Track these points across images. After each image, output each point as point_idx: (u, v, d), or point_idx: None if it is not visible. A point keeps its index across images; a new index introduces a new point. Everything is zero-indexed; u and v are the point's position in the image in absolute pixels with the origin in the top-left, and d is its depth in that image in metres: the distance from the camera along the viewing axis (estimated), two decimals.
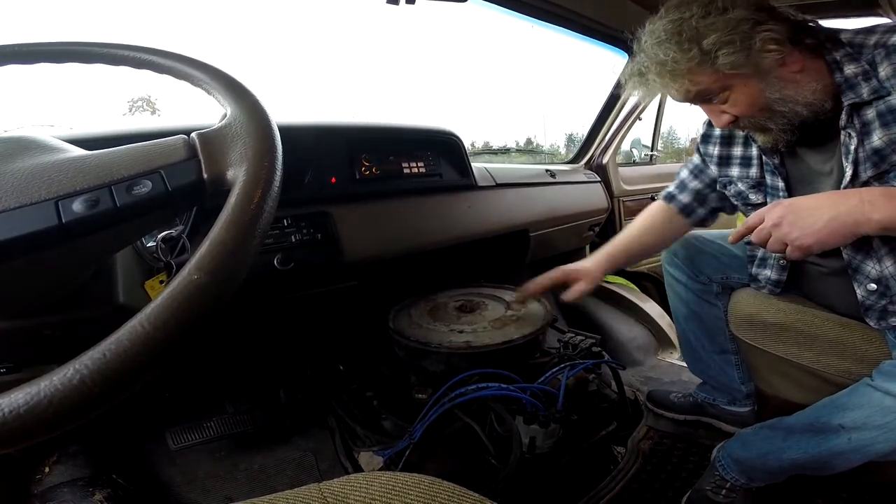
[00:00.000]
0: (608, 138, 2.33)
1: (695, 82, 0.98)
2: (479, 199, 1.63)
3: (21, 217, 0.41)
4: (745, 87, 0.97)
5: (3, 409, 0.31)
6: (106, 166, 0.44)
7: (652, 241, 1.42)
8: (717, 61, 0.93)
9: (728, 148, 1.24)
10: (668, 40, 0.96)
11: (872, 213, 0.84)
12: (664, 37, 0.97)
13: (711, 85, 0.98)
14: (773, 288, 1.23)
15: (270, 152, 0.45)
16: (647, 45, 1.01)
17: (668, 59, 0.97)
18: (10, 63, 0.56)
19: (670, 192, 1.40)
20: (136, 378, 0.34)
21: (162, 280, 0.77)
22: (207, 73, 0.52)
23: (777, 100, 0.97)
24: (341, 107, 7.05)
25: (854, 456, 0.97)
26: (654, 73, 1.01)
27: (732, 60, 0.92)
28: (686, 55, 0.95)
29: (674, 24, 0.96)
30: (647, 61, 1.01)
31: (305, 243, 1.19)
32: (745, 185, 1.21)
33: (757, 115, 1.00)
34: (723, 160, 1.25)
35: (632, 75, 1.07)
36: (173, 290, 0.36)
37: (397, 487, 0.56)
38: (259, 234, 0.41)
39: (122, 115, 2.70)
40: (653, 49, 0.99)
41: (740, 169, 1.22)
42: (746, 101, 0.98)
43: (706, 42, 0.93)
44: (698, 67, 0.95)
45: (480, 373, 1.29)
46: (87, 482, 1.11)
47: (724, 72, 0.94)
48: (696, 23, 0.94)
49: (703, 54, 0.94)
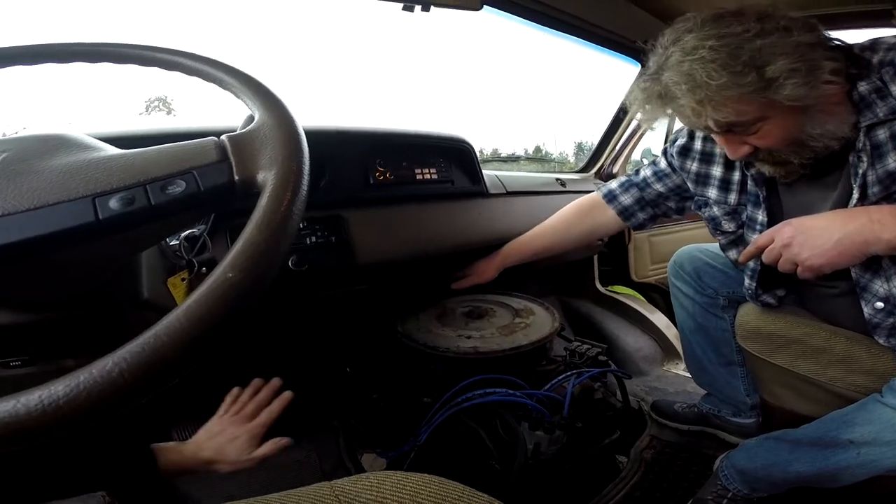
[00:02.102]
0: (619, 148, 2.33)
1: (740, 112, 0.86)
2: (489, 206, 1.64)
3: (59, 212, 0.42)
4: (784, 120, 0.87)
5: (44, 400, 0.32)
6: (141, 166, 0.45)
7: (574, 237, 1.46)
8: (780, 92, 0.81)
9: (707, 166, 1.19)
10: (715, 61, 0.82)
11: (882, 232, 0.83)
12: (710, 56, 0.82)
13: (740, 116, 0.87)
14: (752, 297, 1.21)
15: (298, 156, 0.47)
16: (680, 64, 0.86)
17: (712, 83, 0.82)
18: (47, 62, 0.58)
19: (612, 192, 1.40)
20: (171, 373, 0.35)
21: (183, 278, 0.79)
22: (237, 78, 0.54)
23: (816, 135, 0.88)
24: (353, 110, 7.10)
25: (860, 471, 0.97)
26: (690, 97, 0.86)
27: (797, 93, 0.81)
28: (740, 80, 0.81)
29: (724, 42, 0.82)
30: (679, 82, 0.86)
31: (320, 246, 1.20)
32: (720, 210, 1.18)
33: (784, 148, 0.92)
34: (700, 178, 1.21)
35: (650, 98, 0.94)
36: (209, 288, 0.37)
37: (408, 487, 0.56)
38: (289, 235, 0.42)
39: (138, 114, 2.74)
40: (690, 69, 0.84)
41: (718, 192, 1.17)
42: (781, 134, 0.89)
43: (771, 69, 0.80)
44: (751, 96, 0.83)
45: (487, 378, 1.30)
46: None
47: (784, 104, 0.83)
48: (757, 42, 0.81)
49: (764, 82, 0.81)
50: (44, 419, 0.32)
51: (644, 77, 0.96)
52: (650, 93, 0.94)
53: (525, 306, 1.64)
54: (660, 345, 2.09)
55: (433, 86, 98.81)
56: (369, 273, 1.33)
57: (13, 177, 0.44)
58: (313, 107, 2.37)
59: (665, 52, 0.91)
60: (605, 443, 1.40)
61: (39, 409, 0.32)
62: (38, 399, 0.32)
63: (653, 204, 1.38)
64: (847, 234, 0.86)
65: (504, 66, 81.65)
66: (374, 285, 1.37)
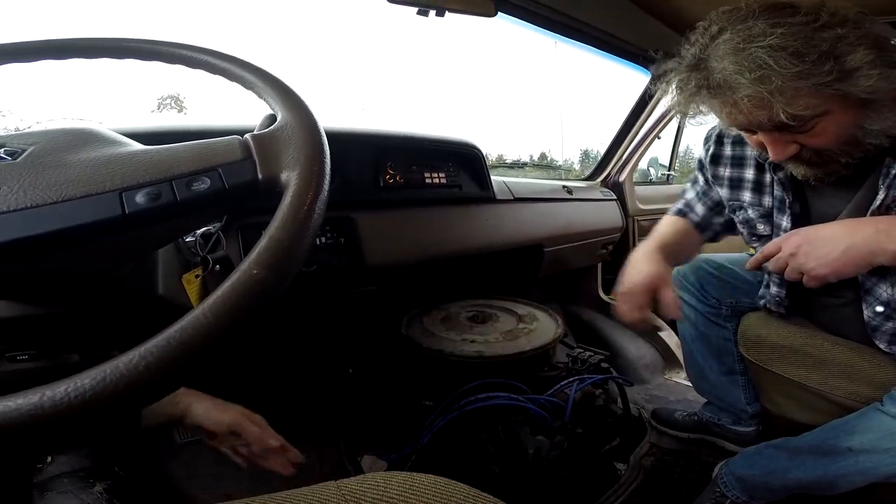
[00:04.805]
0: (626, 156, 2.33)
1: (808, 105, 0.79)
2: (496, 212, 1.64)
3: (86, 206, 0.42)
4: (844, 116, 0.82)
5: (70, 393, 0.32)
6: (167, 162, 0.46)
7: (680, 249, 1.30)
8: (858, 84, 0.77)
9: (740, 170, 1.17)
10: (786, 49, 0.75)
11: (888, 243, 0.84)
12: (780, 43, 0.76)
13: (807, 110, 0.80)
14: (777, 305, 1.20)
15: (321, 157, 0.47)
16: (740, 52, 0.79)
17: (786, 71, 0.75)
18: (73, 57, 0.59)
19: (681, 209, 1.37)
20: (194, 366, 0.35)
21: (197, 274, 0.79)
22: (260, 77, 0.55)
23: (875, 131, 0.83)
24: (359, 112, 7.11)
25: (859, 478, 0.98)
26: (755, 87, 0.78)
27: (878, 86, 0.76)
28: (816, 70, 0.76)
29: (795, 30, 0.76)
30: (743, 70, 0.78)
31: (329, 246, 1.21)
32: (755, 212, 1.15)
33: (836, 147, 0.87)
34: (734, 183, 1.19)
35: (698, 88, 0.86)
36: (234, 283, 0.37)
37: (414, 487, 0.56)
38: (311, 233, 0.43)
39: (150, 112, 2.75)
40: (757, 55, 0.77)
41: (752, 194, 1.15)
42: (838, 131, 0.84)
43: (851, 58, 0.76)
44: (824, 88, 0.77)
45: (489, 382, 1.31)
46: (87, 473, 1.11)
47: (858, 96, 0.78)
48: (830, 33, 0.76)
49: (842, 73, 0.76)
50: (69, 412, 0.32)
51: (681, 69, 0.89)
52: (693, 84, 0.86)
53: (529, 312, 1.64)
54: (661, 353, 2.10)
55: (434, 89, 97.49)
56: (377, 275, 1.34)
57: (40, 169, 0.44)
58: (325, 108, 2.37)
59: (711, 40, 0.84)
60: (605, 449, 1.41)
61: (65, 403, 0.32)
62: (65, 392, 0.32)
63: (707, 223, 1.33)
64: (853, 244, 0.86)
65: (508, 72, 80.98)
66: (381, 287, 1.38)
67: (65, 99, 2.39)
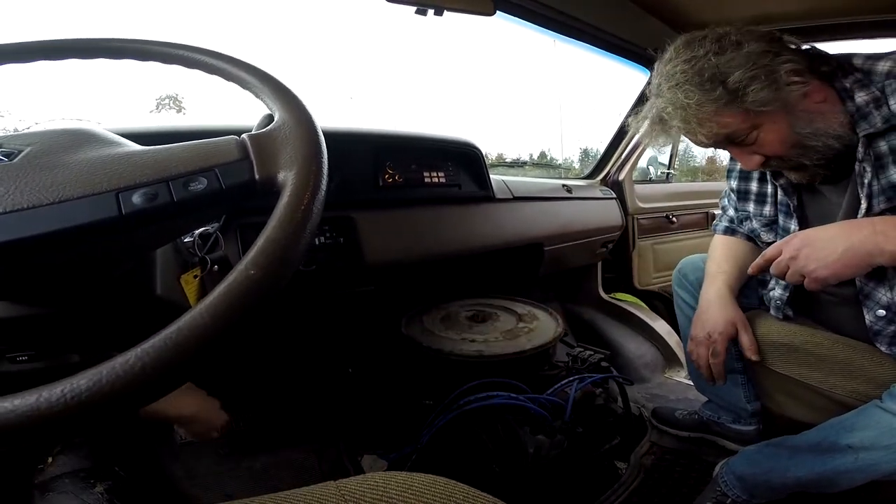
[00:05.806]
0: (625, 155, 2.33)
1: (723, 125, 0.93)
2: (496, 211, 1.64)
3: (83, 206, 0.42)
4: (773, 125, 0.92)
5: (66, 394, 0.32)
6: (164, 162, 0.46)
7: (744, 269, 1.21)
8: (745, 99, 0.88)
9: (746, 183, 1.23)
10: (687, 82, 0.91)
11: (886, 244, 0.84)
12: (683, 79, 0.91)
13: (739, 126, 0.93)
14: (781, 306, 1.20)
15: (318, 157, 0.47)
16: (665, 90, 0.95)
17: (691, 102, 0.90)
18: (71, 57, 0.59)
19: (728, 227, 1.35)
20: (191, 367, 0.35)
21: (196, 275, 0.79)
22: (257, 77, 0.55)
23: (808, 134, 0.93)
24: (359, 111, 7.08)
25: (859, 475, 0.98)
26: (677, 119, 0.95)
27: (762, 97, 0.88)
28: (710, 96, 0.89)
29: (691, 65, 0.91)
30: (668, 106, 0.95)
31: (328, 246, 1.21)
32: (758, 222, 1.21)
33: (789, 152, 0.96)
34: (741, 195, 1.25)
35: (652, 123, 1.02)
36: (230, 284, 0.37)
37: (414, 487, 0.56)
38: (308, 234, 0.43)
39: (148, 112, 2.75)
40: (672, 93, 0.93)
41: (755, 206, 1.21)
42: (777, 138, 0.94)
43: (731, 80, 0.88)
44: (725, 108, 0.90)
45: (490, 381, 1.31)
46: (88, 473, 1.11)
47: (754, 110, 0.89)
48: (714, 60, 0.89)
49: (730, 94, 0.89)
50: (65, 413, 0.32)
51: (644, 107, 1.05)
52: (652, 119, 1.01)
53: (529, 311, 1.64)
54: (662, 352, 2.10)
55: (433, 88, 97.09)
56: (376, 274, 1.34)
57: (38, 170, 0.44)
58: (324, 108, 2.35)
59: (657, 81, 0.99)
60: (606, 448, 1.41)
61: (62, 403, 0.32)
62: (61, 393, 0.32)
63: None
64: (851, 245, 0.87)
65: (507, 70, 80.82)
66: (380, 286, 1.38)
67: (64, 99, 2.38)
